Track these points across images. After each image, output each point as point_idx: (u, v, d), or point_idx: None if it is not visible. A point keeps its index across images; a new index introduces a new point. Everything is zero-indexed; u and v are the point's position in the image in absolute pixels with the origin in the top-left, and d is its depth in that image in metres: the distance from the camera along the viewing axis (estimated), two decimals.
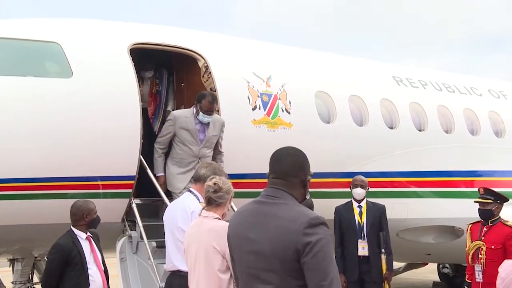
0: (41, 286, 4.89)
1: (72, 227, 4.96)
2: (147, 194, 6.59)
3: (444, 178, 8.67)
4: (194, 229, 3.75)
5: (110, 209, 5.76)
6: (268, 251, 2.48)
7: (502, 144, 9.53)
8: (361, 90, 8.17)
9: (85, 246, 4.90)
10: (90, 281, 4.80)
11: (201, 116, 6.18)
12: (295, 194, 2.61)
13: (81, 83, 5.81)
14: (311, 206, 3.65)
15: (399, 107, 8.40)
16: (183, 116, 6.25)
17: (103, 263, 5.02)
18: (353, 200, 6.66)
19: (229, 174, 6.36)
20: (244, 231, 2.60)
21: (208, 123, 6.25)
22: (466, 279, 5.94)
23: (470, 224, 5.97)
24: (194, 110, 6.25)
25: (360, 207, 6.61)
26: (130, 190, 5.97)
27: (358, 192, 6.60)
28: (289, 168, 2.62)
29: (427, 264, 11.65)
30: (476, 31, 61.89)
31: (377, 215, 6.56)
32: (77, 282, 4.77)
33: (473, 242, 5.76)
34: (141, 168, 6.04)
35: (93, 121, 5.75)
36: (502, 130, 9.68)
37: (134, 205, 5.93)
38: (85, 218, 4.96)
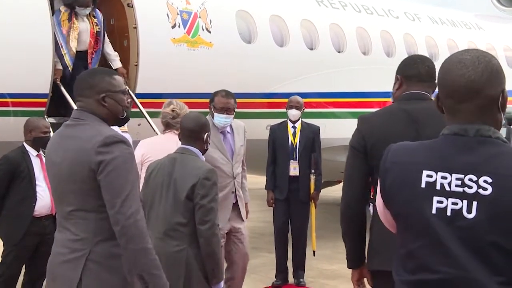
0: None
1: (24, 142, 4.93)
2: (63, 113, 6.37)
3: (360, 99, 8.92)
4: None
5: (22, 128, 5.53)
6: (67, 173, 2.52)
7: None
8: (282, 10, 8.10)
9: (36, 163, 4.89)
10: (37, 197, 4.82)
11: (217, 117, 4.67)
12: (99, 114, 2.59)
13: None
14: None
15: (319, 28, 8.43)
16: None
17: None
18: (288, 121, 6.63)
19: (147, 94, 6.21)
20: (50, 155, 2.64)
21: (228, 131, 4.82)
22: (370, 196, 6.24)
23: None
24: (211, 117, 4.73)
25: (294, 127, 6.57)
26: (44, 109, 5.75)
27: (293, 113, 6.55)
28: (81, 88, 2.62)
29: (341, 181, 12.16)
30: None
31: (310, 136, 6.56)
32: (24, 196, 4.80)
33: None
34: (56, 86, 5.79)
35: None
36: (414, 52, 9.99)
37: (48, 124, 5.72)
38: (28, 134, 4.90)
